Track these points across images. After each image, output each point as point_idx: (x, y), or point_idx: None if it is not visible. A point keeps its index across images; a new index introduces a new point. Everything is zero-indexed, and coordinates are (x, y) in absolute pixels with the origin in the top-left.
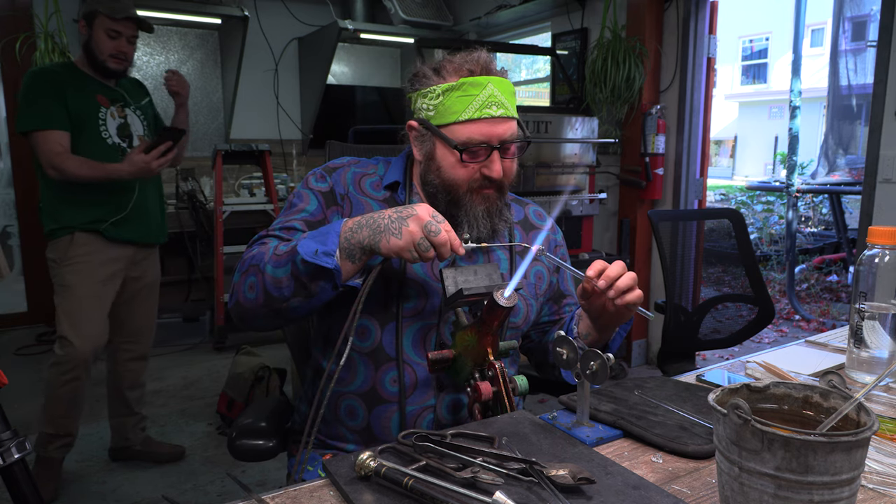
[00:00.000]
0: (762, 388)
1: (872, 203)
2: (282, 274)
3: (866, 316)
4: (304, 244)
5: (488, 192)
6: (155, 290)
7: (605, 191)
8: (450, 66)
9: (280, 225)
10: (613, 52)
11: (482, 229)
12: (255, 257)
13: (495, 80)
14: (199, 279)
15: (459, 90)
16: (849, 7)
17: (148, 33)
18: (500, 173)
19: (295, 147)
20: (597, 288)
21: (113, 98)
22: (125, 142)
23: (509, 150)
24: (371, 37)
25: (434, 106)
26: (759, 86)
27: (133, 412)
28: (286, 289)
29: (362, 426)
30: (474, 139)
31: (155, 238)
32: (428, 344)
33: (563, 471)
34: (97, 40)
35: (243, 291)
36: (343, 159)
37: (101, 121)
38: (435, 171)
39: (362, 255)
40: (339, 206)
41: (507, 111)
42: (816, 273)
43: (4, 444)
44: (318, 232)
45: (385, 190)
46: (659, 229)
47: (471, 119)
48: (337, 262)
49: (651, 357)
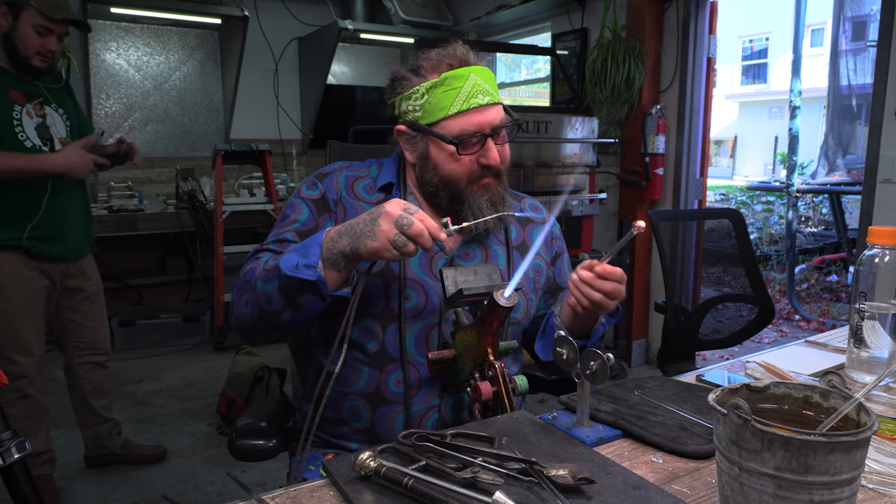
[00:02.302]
0: (762, 388)
1: (872, 203)
2: (271, 289)
3: (866, 316)
4: (286, 258)
5: (488, 182)
6: (99, 297)
7: (605, 191)
8: (427, 63)
9: (273, 238)
10: (613, 52)
11: (488, 220)
12: (248, 273)
13: (476, 70)
14: (199, 279)
15: (443, 85)
16: (849, 7)
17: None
18: (497, 160)
19: (295, 147)
20: (594, 269)
21: (30, 94)
22: (46, 145)
23: (501, 135)
24: (371, 37)
25: (420, 106)
26: (759, 86)
27: (105, 419)
28: (276, 303)
29: (366, 426)
30: (467, 130)
31: (82, 251)
32: (430, 343)
33: (563, 471)
34: (23, 34)
35: (240, 307)
36: (335, 164)
37: (16, 120)
38: (432, 170)
39: (346, 262)
40: (332, 212)
41: (493, 97)
42: (816, 273)
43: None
44: (301, 244)
45: (379, 192)
46: (659, 229)
47: (460, 111)
48: (320, 273)
49: (651, 357)
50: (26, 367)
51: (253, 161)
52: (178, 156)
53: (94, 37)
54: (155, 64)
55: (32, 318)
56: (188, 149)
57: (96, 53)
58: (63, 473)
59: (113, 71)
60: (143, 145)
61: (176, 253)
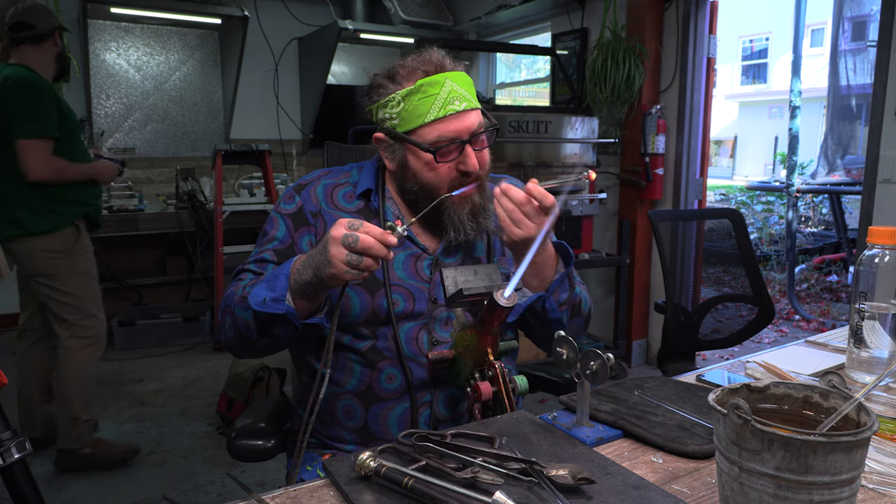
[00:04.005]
0: (762, 388)
1: (872, 203)
2: (247, 317)
3: (866, 316)
4: (255, 293)
5: (469, 191)
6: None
7: (605, 191)
8: (403, 70)
9: (254, 257)
10: (613, 52)
11: (469, 231)
12: (228, 297)
13: (452, 76)
14: (199, 279)
15: (419, 92)
16: (849, 7)
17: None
18: (476, 166)
19: (295, 147)
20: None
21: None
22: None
23: (480, 140)
24: (371, 37)
25: (397, 114)
26: (759, 86)
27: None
28: (252, 331)
29: (360, 425)
30: (444, 137)
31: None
32: (420, 343)
33: (563, 471)
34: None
35: (225, 329)
36: (314, 173)
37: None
38: (412, 179)
39: (315, 291)
40: (310, 225)
41: (470, 103)
42: (816, 273)
43: (4, 444)
44: (271, 275)
45: (359, 199)
46: (659, 229)
47: (437, 118)
48: (289, 304)
49: (651, 357)
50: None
51: (253, 161)
52: (178, 156)
53: (94, 37)
54: (155, 64)
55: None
56: (188, 149)
57: (96, 53)
58: (63, 473)
59: (113, 71)
60: (142, 145)
61: (176, 253)
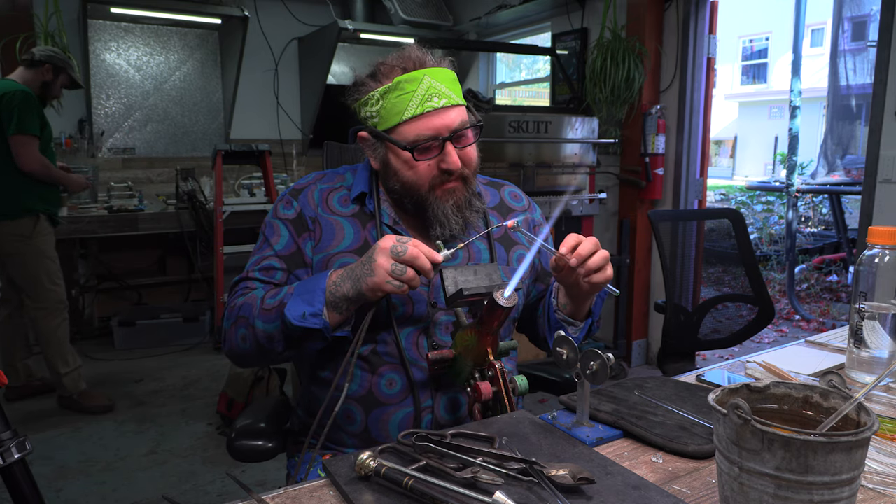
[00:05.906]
0: (762, 388)
1: (872, 203)
2: (272, 329)
3: (866, 316)
4: (292, 307)
5: (453, 186)
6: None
7: (605, 191)
8: (384, 68)
9: (258, 266)
10: (613, 52)
11: (454, 225)
12: (242, 308)
13: (431, 72)
14: (199, 279)
15: (397, 90)
16: (849, 7)
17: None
18: (457, 164)
19: (295, 147)
20: (569, 264)
21: None
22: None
23: (464, 137)
24: (371, 37)
25: (377, 112)
26: (759, 86)
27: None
28: (278, 343)
29: (360, 430)
30: (423, 135)
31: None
32: (421, 346)
33: (563, 471)
34: (55, 88)
35: (236, 341)
36: (308, 177)
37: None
38: (394, 177)
39: (349, 305)
40: (310, 230)
41: (451, 99)
42: (816, 273)
43: (4, 444)
44: (304, 289)
45: (353, 203)
46: (659, 229)
47: (414, 116)
48: (325, 319)
49: (651, 357)
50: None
51: (253, 161)
52: (178, 156)
53: (94, 37)
54: (155, 64)
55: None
56: (188, 149)
57: (96, 53)
58: (63, 473)
59: (113, 71)
60: (143, 145)
61: (176, 253)
